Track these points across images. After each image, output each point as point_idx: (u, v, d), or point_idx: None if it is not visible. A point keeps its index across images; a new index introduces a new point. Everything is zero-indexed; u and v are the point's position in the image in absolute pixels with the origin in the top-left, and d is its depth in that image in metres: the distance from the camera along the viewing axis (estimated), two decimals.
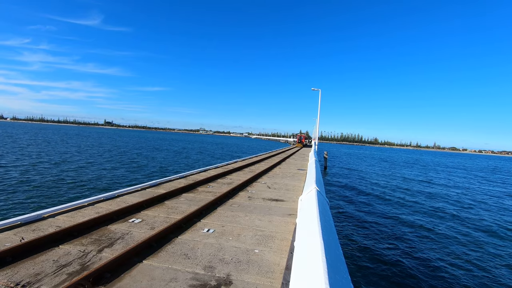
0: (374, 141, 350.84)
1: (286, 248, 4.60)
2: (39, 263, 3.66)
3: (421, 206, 18.45)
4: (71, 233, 4.63)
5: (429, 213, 16.53)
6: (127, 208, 6.11)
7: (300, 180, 12.22)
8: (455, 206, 19.27)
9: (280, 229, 5.59)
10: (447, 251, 10.66)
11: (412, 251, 10.35)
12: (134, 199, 7.21)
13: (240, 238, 4.99)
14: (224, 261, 4.02)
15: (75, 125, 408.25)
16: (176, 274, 3.58)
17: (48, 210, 5.73)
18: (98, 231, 4.90)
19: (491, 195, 25.62)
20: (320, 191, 5.76)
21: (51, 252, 4.01)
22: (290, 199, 8.35)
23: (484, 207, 19.53)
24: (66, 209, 6.03)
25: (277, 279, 3.59)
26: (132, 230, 5.05)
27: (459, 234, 12.82)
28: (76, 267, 3.61)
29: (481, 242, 11.91)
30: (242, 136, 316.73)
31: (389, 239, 11.49)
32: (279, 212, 6.87)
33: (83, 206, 6.36)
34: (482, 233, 13.25)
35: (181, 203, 7.26)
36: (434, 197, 22.07)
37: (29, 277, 3.31)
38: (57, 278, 3.32)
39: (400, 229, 13.00)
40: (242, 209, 7.00)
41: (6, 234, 4.53)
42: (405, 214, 16.01)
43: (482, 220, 15.72)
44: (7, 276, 3.31)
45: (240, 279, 3.53)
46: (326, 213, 4.73)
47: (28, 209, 11.46)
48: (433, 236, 12.28)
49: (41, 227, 4.93)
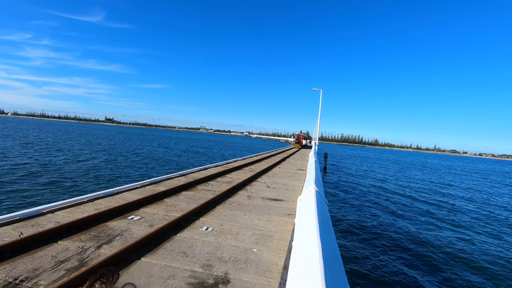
0: (375, 143, 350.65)
1: (284, 248, 4.61)
2: (37, 259, 3.66)
3: (432, 211, 17.70)
4: (70, 229, 4.64)
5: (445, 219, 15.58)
6: (126, 205, 6.11)
7: (300, 180, 12.22)
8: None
9: (279, 229, 5.59)
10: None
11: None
12: (133, 196, 7.22)
13: (238, 237, 4.99)
14: (222, 259, 4.03)
15: (75, 121, 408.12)
16: (174, 272, 3.58)
17: (48, 206, 5.74)
18: (97, 228, 4.91)
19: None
20: (319, 192, 5.76)
21: (50, 247, 4.02)
22: (289, 199, 8.36)
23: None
24: (65, 205, 6.04)
25: (275, 278, 3.59)
26: (131, 227, 5.06)
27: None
28: (75, 263, 3.62)
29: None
30: (242, 135, 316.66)
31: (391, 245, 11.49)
32: (278, 212, 6.88)
33: (83, 202, 6.37)
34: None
35: (180, 201, 7.26)
36: (450, 203, 20.68)
37: (28, 272, 3.32)
38: (55, 273, 3.33)
39: (406, 238, 12.00)
40: (241, 208, 7.00)
41: (5, 229, 4.54)
42: (410, 220, 15.45)
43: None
44: (6, 271, 3.32)
45: (238, 278, 3.54)
46: (325, 214, 4.73)
47: (27, 204, 11.48)
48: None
49: (40, 223, 4.93)
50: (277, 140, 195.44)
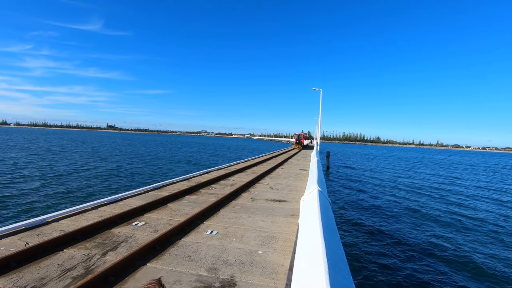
0: (377, 140, 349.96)
1: (290, 249, 4.60)
2: (43, 268, 3.68)
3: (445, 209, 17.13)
4: (75, 237, 4.66)
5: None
6: (130, 211, 6.13)
7: (303, 180, 12.20)
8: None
9: (284, 230, 5.58)
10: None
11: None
12: (137, 202, 7.24)
13: (243, 239, 4.99)
14: (227, 262, 4.03)
15: (77, 129, 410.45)
16: (180, 276, 3.59)
17: (52, 215, 5.77)
18: (102, 235, 4.93)
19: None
20: (322, 191, 5.75)
21: (56, 256, 4.04)
22: (293, 200, 8.34)
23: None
24: (69, 213, 6.06)
25: (281, 280, 3.59)
26: (136, 233, 5.07)
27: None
28: (81, 270, 3.63)
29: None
30: (244, 138, 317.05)
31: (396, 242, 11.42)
32: (282, 213, 6.87)
33: (87, 210, 6.39)
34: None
35: (184, 205, 7.27)
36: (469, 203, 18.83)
37: (34, 281, 3.33)
38: (61, 282, 3.34)
39: (415, 235, 11.72)
40: (245, 210, 7.00)
41: (11, 239, 4.56)
42: (417, 218, 15.20)
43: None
44: (13, 281, 3.33)
45: (244, 280, 3.54)
46: (328, 213, 4.72)
47: (32, 214, 11.53)
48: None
49: (45, 232, 4.96)
50: (279, 141, 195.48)
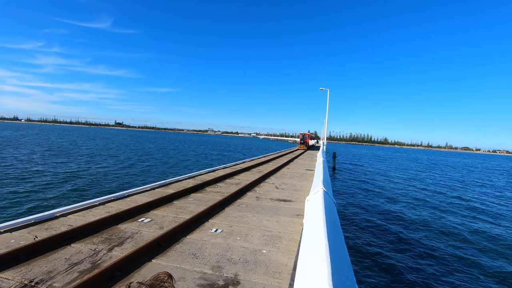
0: (384, 141, 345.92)
1: (294, 249, 4.60)
2: (51, 261, 3.76)
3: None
4: (82, 232, 4.74)
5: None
6: (136, 208, 6.20)
7: (308, 180, 12.16)
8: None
9: (288, 230, 5.58)
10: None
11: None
12: (143, 198, 7.32)
13: (248, 238, 5.00)
14: (232, 261, 4.05)
15: (86, 126, 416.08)
16: (184, 274, 3.62)
17: (61, 209, 5.88)
18: (108, 230, 5.00)
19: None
20: (327, 192, 5.72)
21: (63, 250, 4.12)
22: (298, 200, 8.33)
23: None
24: (77, 208, 6.17)
25: (285, 279, 3.59)
26: (142, 230, 5.13)
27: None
28: (87, 265, 3.69)
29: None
30: (250, 137, 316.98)
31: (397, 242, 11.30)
32: (287, 213, 6.86)
33: (94, 206, 6.49)
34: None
35: (189, 203, 7.32)
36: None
37: (42, 274, 3.41)
38: (69, 276, 3.41)
39: (426, 243, 10.98)
40: (250, 209, 7.02)
41: (20, 233, 4.67)
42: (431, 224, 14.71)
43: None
44: (21, 273, 3.41)
45: (247, 279, 3.55)
46: (333, 214, 4.70)
47: (41, 208, 11.76)
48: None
49: (53, 226, 5.06)
50: (285, 140, 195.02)
